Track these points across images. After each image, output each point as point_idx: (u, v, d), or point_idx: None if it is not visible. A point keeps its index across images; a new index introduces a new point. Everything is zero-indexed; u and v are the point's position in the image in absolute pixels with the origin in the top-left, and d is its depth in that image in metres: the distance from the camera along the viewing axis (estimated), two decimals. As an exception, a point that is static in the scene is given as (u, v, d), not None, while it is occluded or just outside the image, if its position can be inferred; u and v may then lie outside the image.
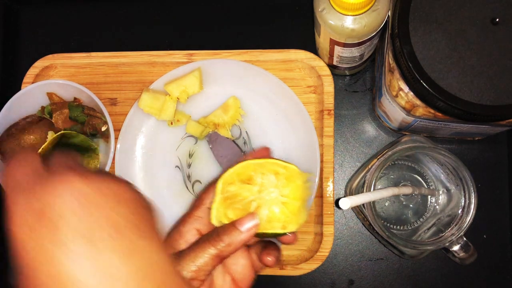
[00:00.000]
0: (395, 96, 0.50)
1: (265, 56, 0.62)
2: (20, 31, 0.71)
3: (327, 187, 0.60)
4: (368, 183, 0.50)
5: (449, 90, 0.44)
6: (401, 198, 0.58)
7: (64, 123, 0.62)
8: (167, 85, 0.62)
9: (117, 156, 0.62)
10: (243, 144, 0.63)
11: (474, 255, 0.52)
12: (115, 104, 0.66)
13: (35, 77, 0.65)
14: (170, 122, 0.63)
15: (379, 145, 0.64)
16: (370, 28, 0.49)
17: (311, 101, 0.63)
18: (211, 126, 0.62)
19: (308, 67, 0.62)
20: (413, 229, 0.57)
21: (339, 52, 0.55)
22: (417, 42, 0.45)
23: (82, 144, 0.63)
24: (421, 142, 0.52)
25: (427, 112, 0.48)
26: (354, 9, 0.46)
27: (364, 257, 0.63)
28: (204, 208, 0.43)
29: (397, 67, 0.47)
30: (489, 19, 0.44)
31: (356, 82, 0.65)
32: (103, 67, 0.66)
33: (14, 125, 0.62)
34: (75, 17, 0.70)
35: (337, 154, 0.64)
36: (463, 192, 0.50)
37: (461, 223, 0.50)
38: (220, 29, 0.68)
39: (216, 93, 0.63)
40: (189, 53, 0.63)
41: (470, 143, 0.62)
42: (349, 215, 0.63)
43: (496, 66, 0.44)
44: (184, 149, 0.63)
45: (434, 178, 0.58)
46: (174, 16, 0.69)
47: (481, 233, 0.61)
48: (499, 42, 0.44)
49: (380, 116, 0.61)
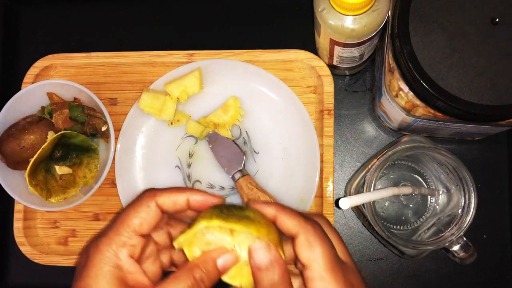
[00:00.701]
0: (395, 96, 0.50)
1: (265, 56, 0.62)
2: (20, 31, 0.71)
3: (327, 187, 0.60)
4: (368, 183, 0.50)
5: (449, 90, 0.44)
6: (401, 198, 0.58)
7: (64, 123, 0.62)
8: (167, 85, 0.62)
9: (117, 156, 0.62)
10: (243, 144, 0.63)
11: (474, 255, 0.52)
12: (115, 104, 0.66)
13: (35, 77, 0.65)
14: (170, 122, 0.63)
15: (379, 145, 0.64)
16: (370, 28, 0.49)
17: (311, 101, 0.63)
18: (211, 126, 0.62)
19: (308, 67, 0.62)
20: (413, 229, 0.57)
21: (339, 52, 0.55)
22: (417, 42, 0.45)
23: (82, 144, 0.63)
24: (421, 142, 0.52)
25: (427, 112, 0.48)
26: (354, 9, 0.46)
27: (364, 257, 0.63)
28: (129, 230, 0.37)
29: (397, 67, 0.47)
30: (489, 19, 0.44)
31: (356, 82, 0.65)
32: (103, 67, 0.66)
33: (14, 125, 0.62)
34: (75, 17, 0.70)
35: (337, 154, 0.64)
36: (463, 192, 0.50)
37: (461, 223, 0.50)
38: (220, 29, 0.68)
39: (216, 93, 0.63)
40: (189, 53, 0.63)
41: (470, 143, 0.62)
42: (349, 215, 0.63)
43: (496, 66, 0.44)
44: (184, 149, 0.63)
45: (434, 178, 0.58)
46: (174, 16, 0.69)
47: (481, 233, 0.61)
48: (499, 42, 0.44)
49: (380, 116, 0.61)
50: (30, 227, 0.65)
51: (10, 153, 0.61)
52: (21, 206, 0.64)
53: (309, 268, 0.37)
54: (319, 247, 0.37)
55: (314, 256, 0.37)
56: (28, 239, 0.64)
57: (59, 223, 0.66)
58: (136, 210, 0.38)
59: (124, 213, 0.38)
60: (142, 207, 0.38)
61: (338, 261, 0.38)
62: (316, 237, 0.37)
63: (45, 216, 0.66)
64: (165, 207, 0.38)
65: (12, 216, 0.64)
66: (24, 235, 0.64)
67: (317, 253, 0.37)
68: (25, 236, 0.64)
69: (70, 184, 0.64)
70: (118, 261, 0.36)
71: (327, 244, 0.38)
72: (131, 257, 0.37)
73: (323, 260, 0.37)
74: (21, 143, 0.62)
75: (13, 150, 0.61)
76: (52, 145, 0.60)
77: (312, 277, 0.37)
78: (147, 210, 0.37)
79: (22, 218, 0.64)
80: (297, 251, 0.37)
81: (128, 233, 0.37)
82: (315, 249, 0.37)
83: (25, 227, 0.64)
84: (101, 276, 0.35)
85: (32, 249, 0.64)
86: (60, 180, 0.64)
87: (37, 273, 0.66)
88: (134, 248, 0.37)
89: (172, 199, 0.38)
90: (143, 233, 0.37)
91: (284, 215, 0.38)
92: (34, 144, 0.62)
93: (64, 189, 0.63)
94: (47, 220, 0.66)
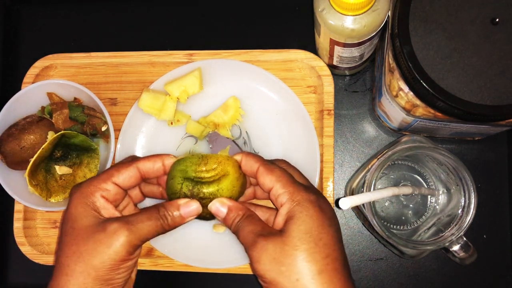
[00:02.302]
0: (395, 96, 0.50)
1: (265, 56, 0.62)
2: (20, 31, 0.71)
3: (327, 187, 0.60)
4: (368, 183, 0.50)
5: (449, 90, 0.44)
6: (401, 198, 0.58)
7: (64, 123, 0.62)
8: (167, 85, 0.62)
9: (117, 156, 0.62)
10: (243, 144, 0.63)
11: (474, 255, 0.52)
12: (115, 104, 0.66)
13: (35, 77, 0.65)
14: (170, 122, 0.63)
15: (379, 145, 0.64)
16: (370, 28, 0.49)
17: (311, 101, 0.63)
18: (211, 126, 0.62)
19: (308, 67, 0.62)
20: (413, 229, 0.57)
21: (339, 52, 0.55)
22: (417, 42, 0.45)
23: (82, 144, 0.63)
24: (421, 142, 0.52)
25: (427, 112, 0.48)
26: (354, 9, 0.46)
27: (364, 257, 0.63)
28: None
29: (397, 67, 0.47)
30: (489, 19, 0.44)
31: (356, 82, 0.65)
32: (103, 67, 0.66)
33: (14, 125, 0.62)
34: (75, 17, 0.70)
35: (337, 154, 0.64)
36: (463, 192, 0.50)
37: (461, 223, 0.50)
38: (220, 29, 0.68)
39: (216, 93, 0.63)
40: (189, 53, 0.63)
41: (470, 143, 0.62)
42: (349, 215, 0.63)
43: (496, 66, 0.44)
44: (184, 149, 0.63)
45: (434, 178, 0.58)
46: (174, 16, 0.69)
47: (481, 233, 0.61)
48: (499, 42, 0.44)
49: (380, 116, 0.61)
50: (30, 227, 0.65)
51: (10, 153, 0.61)
52: (21, 206, 0.64)
53: (273, 188, 0.44)
54: (277, 169, 0.45)
55: (274, 177, 0.44)
56: (28, 239, 0.64)
57: (59, 223, 0.66)
58: (118, 166, 0.47)
59: (107, 170, 0.47)
60: (123, 165, 0.47)
61: (297, 181, 0.45)
62: (272, 165, 0.46)
63: (45, 216, 0.66)
64: (144, 170, 0.47)
65: (12, 216, 0.64)
66: (24, 235, 0.64)
67: (276, 174, 0.45)
68: (25, 236, 0.64)
69: (70, 184, 0.64)
70: (93, 199, 0.45)
71: (283, 169, 0.46)
72: (105, 198, 0.46)
73: (283, 178, 0.44)
74: (21, 143, 0.62)
75: (13, 150, 0.61)
76: (52, 145, 0.60)
77: (277, 193, 0.44)
78: (126, 167, 0.47)
79: (22, 218, 0.64)
80: (261, 181, 0.45)
81: (105, 181, 0.46)
82: (274, 171, 0.45)
83: (25, 227, 0.64)
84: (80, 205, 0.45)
85: (32, 249, 0.64)
86: (60, 180, 0.64)
87: (37, 273, 0.66)
88: (108, 192, 0.46)
89: (150, 163, 0.47)
90: (120, 184, 0.46)
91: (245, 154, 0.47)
92: (34, 144, 0.62)
93: (64, 189, 0.63)
94: (47, 220, 0.66)
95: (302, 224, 0.42)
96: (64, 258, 0.44)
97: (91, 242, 0.43)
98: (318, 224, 0.42)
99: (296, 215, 0.42)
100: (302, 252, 0.41)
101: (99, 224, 0.44)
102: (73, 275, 0.43)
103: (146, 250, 0.63)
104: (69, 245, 0.44)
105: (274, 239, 0.42)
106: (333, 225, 0.43)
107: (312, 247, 0.41)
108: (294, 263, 0.40)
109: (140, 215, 0.45)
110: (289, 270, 0.40)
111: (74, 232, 0.44)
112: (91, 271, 0.42)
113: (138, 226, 0.44)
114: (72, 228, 0.44)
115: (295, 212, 0.42)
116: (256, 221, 0.45)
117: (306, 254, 0.41)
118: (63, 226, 0.45)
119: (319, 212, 0.43)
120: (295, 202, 0.43)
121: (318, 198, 0.44)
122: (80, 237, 0.43)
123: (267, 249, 0.41)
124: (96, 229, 0.43)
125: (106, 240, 0.43)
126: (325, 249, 0.41)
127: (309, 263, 0.40)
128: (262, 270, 0.42)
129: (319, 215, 0.42)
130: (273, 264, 0.41)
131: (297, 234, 0.41)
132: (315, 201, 0.43)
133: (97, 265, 0.42)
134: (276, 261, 0.41)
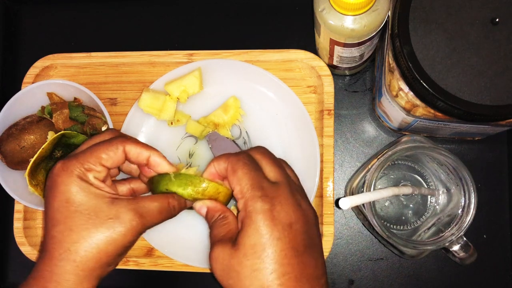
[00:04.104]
0: (395, 96, 0.50)
1: (265, 56, 0.62)
2: (20, 31, 0.71)
3: (327, 187, 0.60)
4: (368, 183, 0.50)
5: (449, 90, 0.44)
6: (401, 198, 0.58)
7: (64, 123, 0.62)
8: (167, 85, 0.62)
9: (117, 156, 0.62)
10: (243, 144, 0.63)
11: (474, 255, 0.52)
12: (115, 104, 0.66)
13: (35, 77, 0.65)
14: (170, 122, 0.63)
15: (379, 145, 0.64)
16: (370, 28, 0.49)
17: (311, 101, 0.63)
18: (211, 126, 0.62)
19: (308, 67, 0.62)
20: (413, 229, 0.57)
21: (339, 52, 0.55)
22: (417, 42, 0.45)
23: (82, 144, 0.63)
24: (421, 142, 0.52)
25: (427, 112, 0.48)
26: (354, 9, 0.46)
27: (364, 257, 0.63)
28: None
29: (397, 67, 0.47)
30: (489, 19, 0.44)
31: (356, 82, 0.65)
32: (103, 67, 0.66)
33: (14, 125, 0.62)
34: (75, 17, 0.70)
35: (337, 154, 0.64)
36: (463, 192, 0.50)
37: (461, 223, 0.50)
38: (220, 29, 0.68)
39: (216, 93, 0.63)
40: (189, 53, 0.63)
41: (470, 143, 0.62)
42: (349, 215, 0.63)
43: (496, 66, 0.44)
44: (184, 149, 0.63)
45: (434, 178, 0.58)
46: (174, 16, 0.69)
47: (481, 233, 0.61)
48: (499, 42, 0.44)
49: (380, 116, 0.61)
50: (30, 227, 0.65)
51: (10, 153, 0.61)
52: (21, 206, 0.64)
53: (234, 189, 0.43)
54: (239, 170, 0.43)
55: (236, 179, 0.43)
56: (28, 239, 0.64)
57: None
58: (106, 147, 0.45)
59: (95, 146, 0.46)
60: (112, 147, 0.45)
61: (263, 180, 0.43)
62: (239, 163, 0.44)
63: (45, 216, 0.66)
64: (129, 155, 0.46)
65: (12, 216, 0.64)
66: (24, 235, 0.64)
67: (239, 175, 0.43)
68: (25, 236, 0.64)
69: (70, 184, 0.64)
70: (85, 177, 0.44)
71: (248, 167, 0.43)
72: (97, 179, 0.44)
73: (243, 181, 0.42)
74: (21, 143, 0.62)
75: (13, 150, 0.61)
76: (52, 145, 0.60)
77: (236, 197, 0.43)
78: (115, 151, 0.45)
79: (22, 218, 0.64)
80: (228, 180, 0.44)
81: (94, 163, 0.44)
82: (237, 172, 0.43)
83: (25, 227, 0.64)
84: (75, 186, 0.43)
85: (32, 249, 0.64)
86: (60, 180, 0.64)
87: (37, 273, 0.65)
88: (99, 173, 0.45)
89: (138, 150, 0.46)
90: (107, 166, 0.45)
91: (215, 161, 0.45)
92: (34, 144, 0.62)
93: (64, 189, 0.63)
94: (47, 220, 0.66)
95: (248, 238, 0.40)
96: (70, 244, 0.42)
97: (104, 228, 0.42)
98: (266, 239, 0.40)
99: (244, 227, 0.41)
100: (246, 269, 0.40)
101: (108, 207, 0.43)
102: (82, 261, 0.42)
103: (146, 250, 0.63)
104: (76, 230, 0.42)
105: (226, 249, 0.41)
106: (283, 237, 0.40)
107: (256, 263, 0.40)
108: (239, 277, 0.40)
109: (152, 207, 0.45)
110: (235, 284, 0.40)
111: (80, 215, 0.42)
112: (103, 256, 0.42)
113: (148, 219, 0.44)
114: (76, 211, 0.43)
115: (245, 224, 0.41)
116: (224, 224, 0.44)
117: (250, 272, 0.39)
118: (60, 209, 0.43)
119: (269, 224, 0.40)
120: (246, 213, 0.41)
121: (274, 206, 0.41)
122: (91, 222, 0.42)
123: (218, 257, 0.41)
124: (107, 214, 0.43)
125: (120, 229, 0.43)
126: (271, 264, 0.39)
127: (252, 280, 0.39)
128: (216, 275, 0.42)
129: (268, 229, 0.40)
130: (224, 274, 0.41)
131: (242, 248, 0.40)
132: (268, 211, 0.41)
133: (111, 251, 0.43)
134: (225, 272, 0.41)
